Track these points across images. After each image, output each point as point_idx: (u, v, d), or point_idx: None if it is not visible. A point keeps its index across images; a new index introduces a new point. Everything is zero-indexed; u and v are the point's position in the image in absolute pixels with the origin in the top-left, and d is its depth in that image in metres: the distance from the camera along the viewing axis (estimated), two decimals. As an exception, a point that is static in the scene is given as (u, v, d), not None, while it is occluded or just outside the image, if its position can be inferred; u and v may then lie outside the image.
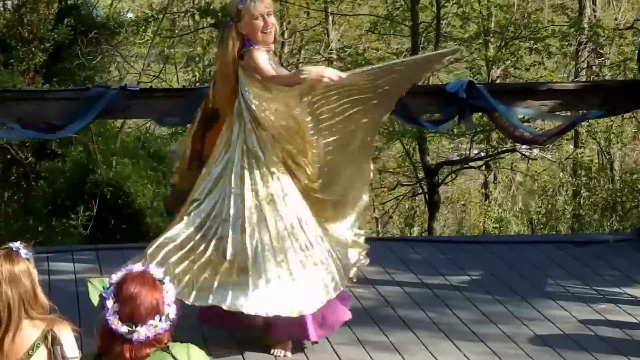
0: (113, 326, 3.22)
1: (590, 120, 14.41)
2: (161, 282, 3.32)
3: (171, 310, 3.30)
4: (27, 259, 3.57)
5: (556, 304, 6.07)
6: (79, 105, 6.82)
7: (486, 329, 5.67)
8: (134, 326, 3.21)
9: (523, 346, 5.40)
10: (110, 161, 11.25)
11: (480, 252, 7.16)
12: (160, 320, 3.25)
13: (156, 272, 3.34)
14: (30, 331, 3.56)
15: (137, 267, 3.34)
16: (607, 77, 15.34)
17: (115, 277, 3.32)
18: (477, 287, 6.40)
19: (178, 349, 3.30)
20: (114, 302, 3.24)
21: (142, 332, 3.22)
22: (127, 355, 3.23)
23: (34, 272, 3.60)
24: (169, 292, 3.32)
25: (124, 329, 3.21)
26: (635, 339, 5.50)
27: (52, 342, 3.57)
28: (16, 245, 3.58)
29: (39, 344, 3.58)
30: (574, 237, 8.72)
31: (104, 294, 3.27)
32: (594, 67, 16.24)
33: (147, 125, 14.39)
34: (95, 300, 3.32)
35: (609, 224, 14.55)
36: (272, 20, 5.04)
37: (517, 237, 10.20)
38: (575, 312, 5.92)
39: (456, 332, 5.62)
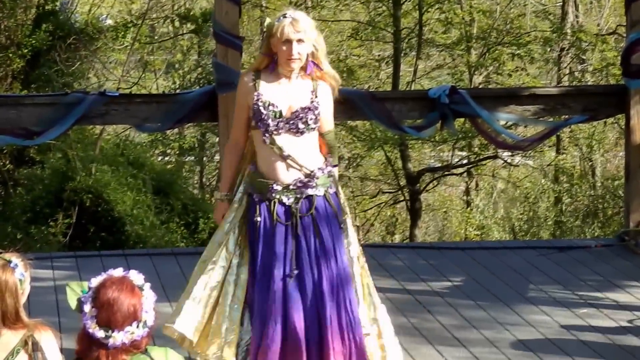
0: (90, 330, 3.21)
1: (572, 127, 14.48)
2: (140, 288, 3.29)
3: (149, 317, 3.27)
4: (21, 279, 3.52)
5: (538, 308, 6.05)
6: (58, 111, 6.77)
7: (468, 334, 5.65)
8: (110, 331, 3.20)
9: (505, 351, 5.37)
10: (90, 168, 11.17)
11: (461, 258, 7.13)
12: (137, 326, 3.24)
13: (136, 278, 3.31)
14: (10, 337, 3.52)
15: (118, 272, 3.31)
16: (589, 83, 15.37)
17: (95, 281, 3.29)
18: (459, 293, 6.38)
19: (156, 352, 3.29)
20: (92, 307, 3.23)
21: (119, 337, 3.20)
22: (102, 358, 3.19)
23: (27, 287, 3.56)
24: (148, 299, 3.30)
25: (100, 333, 3.20)
26: (617, 344, 5.48)
27: (32, 347, 3.52)
28: (15, 261, 3.53)
29: (19, 349, 3.53)
30: (555, 242, 8.72)
31: (82, 298, 3.26)
32: (576, 73, 16.28)
33: (127, 132, 14.33)
34: (73, 304, 3.30)
35: (590, 230, 14.57)
36: (300, 49, 4.64)
37: (498, 243, 10.18)
38: (557, 317, 5.91)
39: (438, 337, 5.59)
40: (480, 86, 15.47)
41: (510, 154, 15.89)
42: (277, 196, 4.71)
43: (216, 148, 15.22)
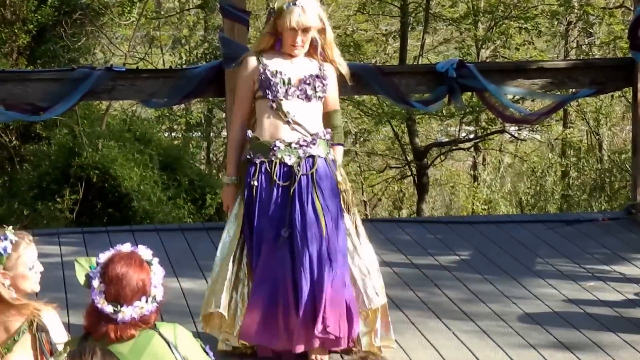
0: (99, 305, 3.20)
1: (579, 101, 14.43)
2: (149, 263, 3.29)
3: (158, 292, 3.27)
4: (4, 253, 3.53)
5: (545, 282, 6.05)
6: (64, 86, 6.75)
7: (475, 307, 5.65)
8: (119, 306, 3.19)
9: (512, 324, 5.38)
10: (96, 144, 11.17)
11: (469, 232, 7.13)
12: (146, 301, 3.23)
13: (144, 253, 3.31)
14: (14, 317, 3.53)
15: (126, 247, 3.31)
16: (597, 57, 15.30)
17: (103, 257, 3.29)
18: (466, 267, 6.38)
19: (165, 328, 3.29)
20: (100, 282, 3.22)
21: (128, 312, 3.20)
22: (112, 335, 3.21)
23: (17, 265, 3.56)
24: (157, 274, 3.29)
25: (109, 308, 3.19)
26: (623, 316, 5.48)
27: (37, 328, 3.53)
28: (6, 236, 3.54)
29: (24, 329, 3.55)
30: (562, 216, 8.69)
31: (90, 274, 3.25)
32: (583, 47, 16.21)
33: (133, 108, 14.32)
34: (82, 279, 3.29)
35: (597, 204, 14.55)
36: (305, 38, 4.71)
37: (506, 217, 10.16)
38: (564, 290, 5.91)
39: (445, 311, 5.60)
40: (488, 60, 15.41)
41: (517, 128, 15.86)
42: (280, 155, 4.72)
43: (223, 124, 15.19)
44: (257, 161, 4.75)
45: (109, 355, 2.50)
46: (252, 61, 4.82)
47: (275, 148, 4.72)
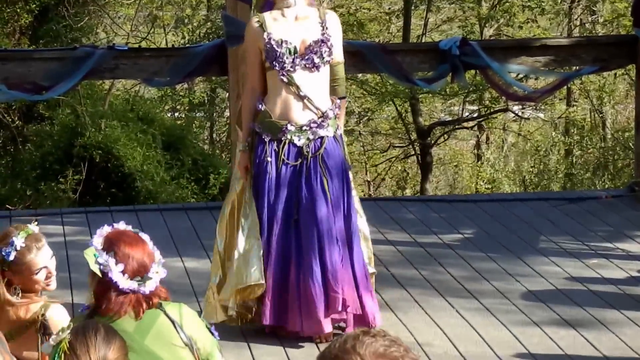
0: (122, 285, 3.20)
1: (582, 79, 14.39)
2: (137, 233, 3.35)
3: (157, 253, 3.33)
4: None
5: (548, 260, 6.06)
6: (66, 65, 6.74)
7: (479, 285, 5.66)
8: (141, 279, 3.24)
9: (515, 302, 5.38)
10: (99, 124, 11.15)
11: (472, 211, 7.13)
12: (157, 265, 3.28)
13: (128, 227, 3.35)
14: (23, 313, 3.61)
15: (106, 229, 3.33)
16: (600, 34, 15.25)
17: (98, 242, 3.28)
18: (470, 245, 6.38)
19: (170, 308, 3.31)
20: (117, 263, 3.22)
21: (151, 281, 3.24)
22: (127, 309, 3.23)
23: (29, 266, 3.61)
24: (148, 241, 3.34)
25: (134, 284, 3.22)
26: (627, 293, 5.49)
27: (40, 328, 3.58)
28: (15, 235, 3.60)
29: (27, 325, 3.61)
30: (566, 194, 8.70)
31: (99, 261, 3.23)
32: (587, 25, 16.15)
33: (136, 87, 14.30)
34: (97, 270, 3.27)
35: (601, 182, 14.55)
36: None
37: (509, 195, 10.16)
38: (567, 268, 5.91)
39: (449, 289, 5.60)
40: (491, 39, 15.35)
41: (521, 107, 15.82)
42: (289, 136, 4.73)
43: (226, 104, 15.18)
44: (266, 139, 4.76)
45: (112, 332, 2.50)
46: (255, 26, 4.81)
47: (285, 130, 4.74)
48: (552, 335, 4.92)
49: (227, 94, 11.08)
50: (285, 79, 4.73)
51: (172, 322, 3.27)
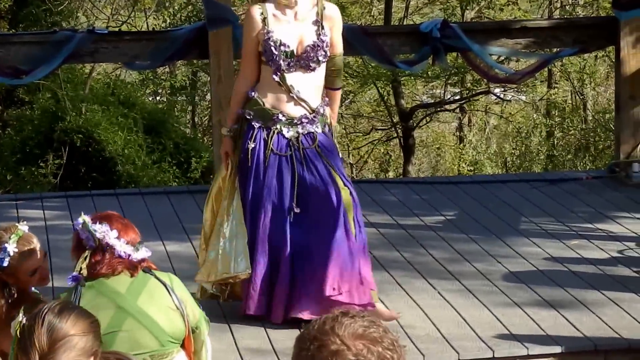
0: (120, 249, 3.41)
1: (563, 61, 14.42)
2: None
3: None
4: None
5: (529, 241, 6.08)
6: (46, 49, 6.72)
7: (460, 267, 5.67)
8: (135, 248, 3.46)
9: (497, 283, 5.40)
10: (80, 108, 11.10)
11: (454, 193, 7.15)
12: (142, 244, 3.49)
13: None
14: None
15: (84, 217, 3.50)
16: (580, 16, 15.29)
17: (88, 219, 3.44)
18: (452, 227, 6.40)
19: (160, 274, 3.49)
20: (118, 236, 3.42)
21: (142, 251, 3.46)
22: (122, 268, 3.42)
23: (24, 269, 3.67)
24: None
25: (129, 249, 3.43)
26: (607, 274, 5.52)
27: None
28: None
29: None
30: (547, 175, 8.72)
31: (95, 228, 3.42)
32: (567, 7, 16.18)
33: (117, 71, 14.24)
34: (93, 232, 3.47)
35: (582, 163, 14.61)
36: None
37: (490, 176, 10.18)
38: (548, 249, 5.93)
39: (431, 271, 5.62)
40: (472, 21, 15.36)
41: (502, 89, 15.85)
42: (279, 126, 4.74)
43: (208, 87, 15.12)
44: (256, 125, 4.76)
45: (69, 308, 2.49)
46: (257, 18, 4.76)
47: (276, 118, 4.76)
48: (533, 316, 4.95)
49: (209, 77, 11.03)
50: (277, 78, 4.75)
51: (164, 284, 3.42)
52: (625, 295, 5.18)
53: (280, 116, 4.76)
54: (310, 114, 4.79)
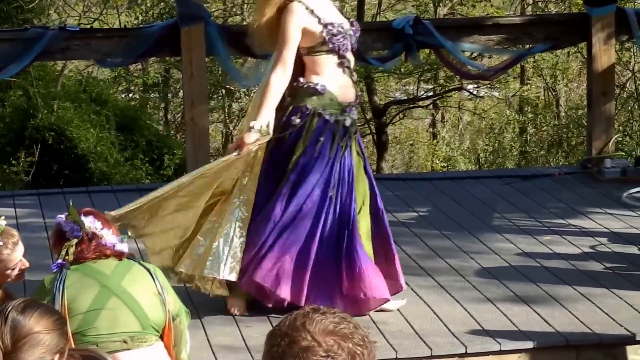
0: (108, 239, 3.57)
1: (536, 57, 14.48)
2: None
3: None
4: None
5: (502, 236, 6.10)
6: (17, 47, 6.69)
7: (433, 263, 5.69)
8: (121, 239, 3.67)
9: (470, 279, 5.42)
10: (51, 105, 11.04)
11: (427, 189, 7.17)
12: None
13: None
14: None
15: (63, 216, 3.66)
16: (552, 12, 15.36)
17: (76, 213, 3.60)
18: (425, 223, 6.41)
19: (143, 263, 3.63)
20: (110, 229, 3.60)
21: (125, 244, 3.67)
22: (109, 253, 3.57)
23: (5, 264, 3.75)
24: None
25: (115, 239, 3.60)
26: (579, 269, 5.55)
27: None
28: None
29: None
30: (519, 171, 8.75)
31: (89, 220, 3.58)
32: (539, 3, 16.25)
33: (89, 69, 14.18)
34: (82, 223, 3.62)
35: (555, 160, 14.68)
36: None
37: (463, 173, 10.23)
38: (520, 244, 5.96)
39: (404, 267, 5.58)
40: (445, 18, 15.39)
41: (475, 85, 15.90)
42: (344, 118, 4.80)
43: (180, 84, 15.07)
44: (331, 119, 4.76)
45: (34, 306, 2.47)
46: (303, 12, 4.67)
47: (348, 110, 4.80)
48: (505, 312, 4.97)
49: (181, 74, 10.98)
50: (345, 63, 4.76)
51: (148, 270, 3.54)
52: (597, 290, 5.21)
53: (349, 108, 4.82)
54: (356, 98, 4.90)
